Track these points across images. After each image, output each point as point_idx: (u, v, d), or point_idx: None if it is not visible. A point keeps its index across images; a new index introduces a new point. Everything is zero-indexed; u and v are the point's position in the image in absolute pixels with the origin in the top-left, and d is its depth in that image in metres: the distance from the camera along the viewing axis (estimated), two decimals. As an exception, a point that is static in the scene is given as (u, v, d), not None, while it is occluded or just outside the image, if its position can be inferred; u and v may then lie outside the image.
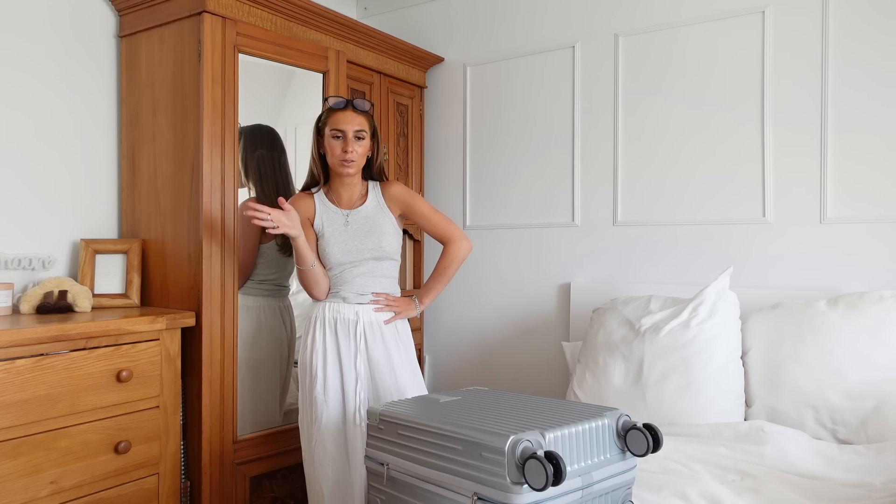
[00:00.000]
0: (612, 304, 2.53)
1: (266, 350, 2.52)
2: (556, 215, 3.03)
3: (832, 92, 2.42)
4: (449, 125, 3.36)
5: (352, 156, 2.06)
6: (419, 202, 2.19)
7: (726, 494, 1.61)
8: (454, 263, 2.20)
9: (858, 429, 2.03)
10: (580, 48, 2.95)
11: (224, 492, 2.30)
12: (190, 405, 2.28)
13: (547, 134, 3.05)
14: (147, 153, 2.43)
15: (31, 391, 1.84)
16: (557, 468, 1.28)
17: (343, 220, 2.13)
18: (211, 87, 2.26)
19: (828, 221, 2.44)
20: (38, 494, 1.85)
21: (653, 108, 2.78)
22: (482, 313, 3.25)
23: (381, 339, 2.12)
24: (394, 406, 1.66)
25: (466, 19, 3.29)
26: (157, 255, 2.40)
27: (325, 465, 2.08)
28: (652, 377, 2.23)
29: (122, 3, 2.46)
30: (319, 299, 2.14)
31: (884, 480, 1.72)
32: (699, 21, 2.67)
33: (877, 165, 2.36)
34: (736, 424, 2.05)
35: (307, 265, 2.07)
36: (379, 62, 3.06)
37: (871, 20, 2.36)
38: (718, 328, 2.23)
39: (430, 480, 1.49)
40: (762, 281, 2.55)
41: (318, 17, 2.64)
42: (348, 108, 2.09)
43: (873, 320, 2.10)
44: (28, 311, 2.17)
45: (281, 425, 2.53)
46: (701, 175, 2.67)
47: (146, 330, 2.09)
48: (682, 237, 2.72)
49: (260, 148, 2.53)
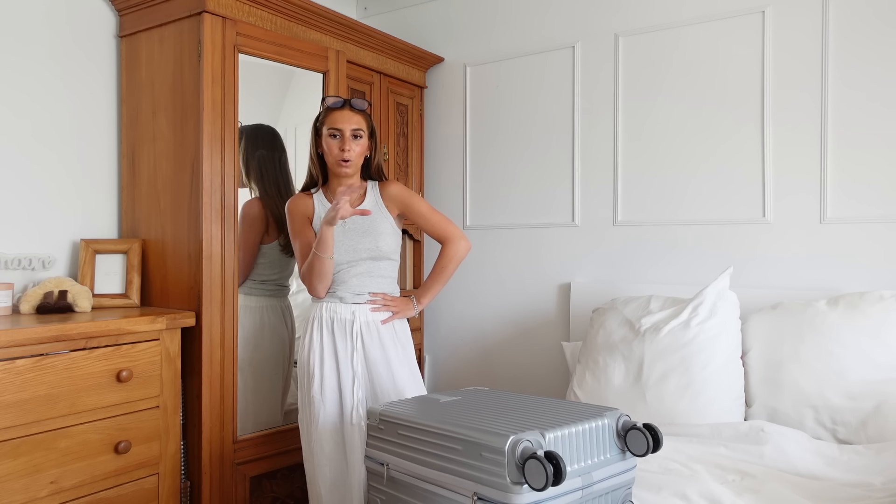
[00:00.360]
0: (612, 304, 2.53)
1: (268, 350, 2.52)
2: (556, 215, 3.03)
3: (832, 92, 2.42)
4: (449, 125, 3.36)
5: (349, 155, 2.06)
6: (418, 202, 2.19)
7: (726, 494, 1.61)
8: (452, 263, 2.20)
9: (858, 429, 2.03)
10: (580, 48, 2.95)
11: (224, 492, 2.30)
12: (190, 405, 2.28)
13: (547, 134, 3.05)
14: (147, 153, 2.43)
15: (31, 391, 1.84)
16: (557, 468, 1.28)
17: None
18: (211, 87, 2.26)
19: (828, 221, 2.44)
20: (38, 494, 1.85)
21: (653, 108, 2.78)
22: (482, 313, 3.25)
23: (377, 338, 2.11)
24: (394, 406, 1.66)
25: (466, 19, 3.29)
26: (157, 255, 2.40)
27: (322, 465, 2.08)
28: (652, 377, 2.23)
29: (122, 3, 2.46)
30: (319, 296, 2.14)
31: (884, 480, 1.72)
32: (699, 21, 2.67)
33: (877, 165, 2.36)
34: (736, 424, 2.05)
35: (328, 254, 2.04)
36: (379, 62, 3.06)
37: (871, 21, 2.36)
38: (718, 328, 2.23)
39: (430, 480, 1.49)
40: (762, 281, 2.55)
41: (318, 17, 2.64)
42: (346, 107, 2.10)
43: (873, 320, 2.10)
44: (28, 311, 2.17)
45: (281, 425, 2.53)
46: (701, 175, 2.67)
47: (146, 330, 2.09)
48: (682, 237, 2.72)
49: (261, 148, 2.53)
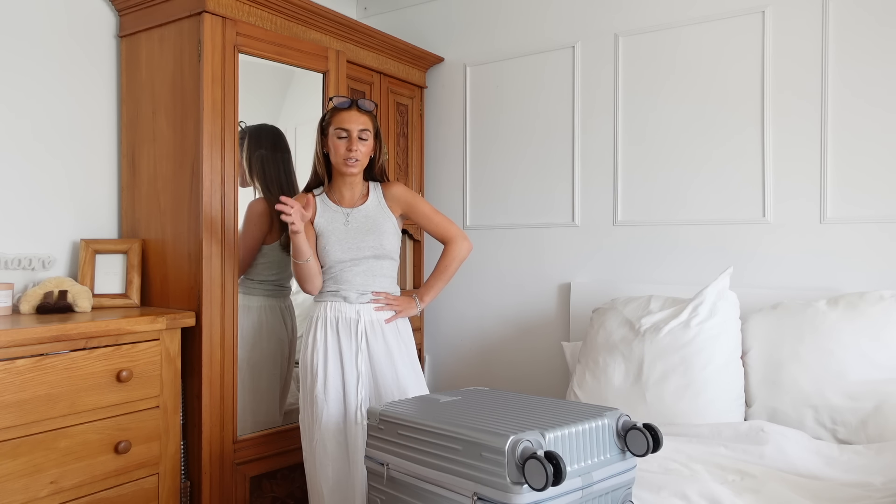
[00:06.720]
0: (612, 304, 2.53)
1: (267, 350, 2.52)
2: (556, 215, 3.03)
3: (832, 93, 2.42)
4: (449, 125, 3.36)
5: (356, 155, 2.08)
6: (420, 202, 2.21)
7: (726, 494, 1.61)
8: (454, 263, 2.22)
9: (858, 429, 2.03)
10: (580, 48, 2.95)
11: (224, 492, 2.30)
12: (190, 405, 2.28)
13: (547, 134, 3.05)
14: (147, 153, 2.43)
15: (31, 391, 1.84)
16: (557, 468, 1.28)
17: (343, 218, 2.14)
18: (211, 87, 2.26)
19: (828, 222, 2.44)
20: (38, 494, 1.85)
21: (653, 109, 2.77)
22: (482, 313, 3.25)
23: (381, 337, 2.12)
24: (394, 406, 1.66)
25: (466, 19, 3.29)
26: (157, 255, 2.40)
27: (325, 465, 2.08)
28: (652, 377, 2.23)
29: (122, 3, 2.46)
30: (311, 294, 2.17)
31: (884, 480, 1.72)
32: (699, 21, 2.67)
33: (877, 166, 2.36)
34: (736, 424, 2.05)
35: (303, 259, 2.09)
36: (379, 62, 3.06)
37: (871, 21, 2.36)
38: (718, 328, 2.23)
39: (430, 480, 1.49)
40: (762, 281, 2.55)
41: (318, 17, 2.64)
42: (353, 108, 2.11)
43: (873, 320, 2.10)
44: (28, 311, 2.17)
45: (281, 425, 2.53)
46: (701, 175, 2.67)
47: (146, 330, 2.09)
48: (682, 237, 2.72)
49: (264, 148, 2.53)
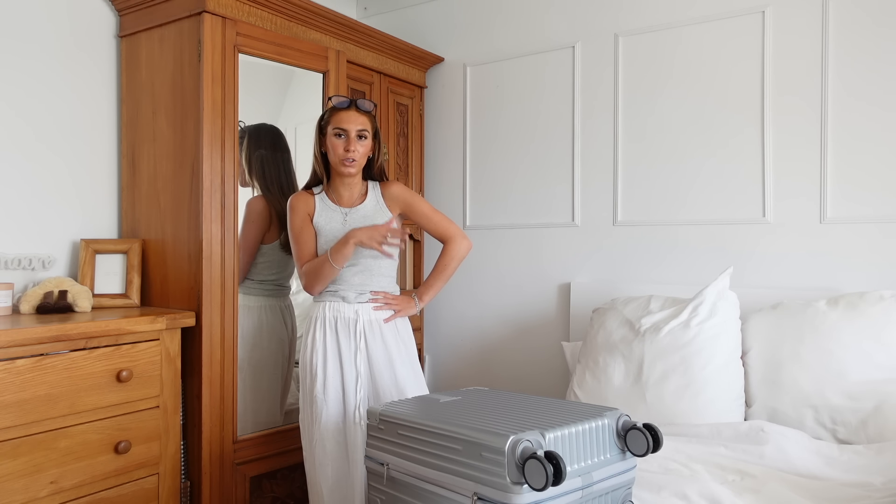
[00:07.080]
0: (612, 304, 2.53)
1: (267, 350, 2.52)
2: (556, 215, 3.03)
3: (832, 93, 2.42)
4: (449, 125, 3.36)
5: (354, 155, 2.08)
6: (419, 202, 2.21)
7: (726, 494, 1.61)
8: (454, 262, 2.22)
9: (858, 429, 2.03)
10: (580, 48, 2.95)
11: (224, 492, 2.30)
12: (190, 405, 2.28)
13: (547, 134, 3.05)
14: (147, 153, 2.43)
15: (31, 391, 1.84)
16: (557, 468, 1.28)
17: (342, 217, 2.14)
18: (211, 87, 2.26)
19: (828, 221, 2.44)
20: (38, 494, 1.85)
21: (653, 109, 2.77)
22: (482, 313, 3.25)
23: (380, 337, 2.12)
24: (394, 406, 1.66)
25: (466, 19, 3.29)
26: (157, 255, 2.40)
27: (324, 465, 2.08)
28: (652, 377, 2.23)
29: (122, 3, 2.46)
30: (314, 294, 2.16)
31: (884, 480, 1.72)
32: (699, 21, 2.67)
33: (877, 165, 2.36)
34: (736, 424, 2.05)
35: (342, 265, 2.07)
36: (379, 62, 3.06)
37: (871, 22, 2.36)
38: (718, 328, 2.23)
39: (430, 480, 1.49)
40: (762, 281, 2.55)
41: (318, 17, 2.64)
42: (351, 108, 2.11)
43: (873, 320, 2.10)
44: (28, 311, 2.17)
45: (281, 425, 2.53)
46: (701, 175, 2.67)
47: (146, 330, 2.09)
48: (682, 237, 2.72)
49: (263, 147, 2.53)
